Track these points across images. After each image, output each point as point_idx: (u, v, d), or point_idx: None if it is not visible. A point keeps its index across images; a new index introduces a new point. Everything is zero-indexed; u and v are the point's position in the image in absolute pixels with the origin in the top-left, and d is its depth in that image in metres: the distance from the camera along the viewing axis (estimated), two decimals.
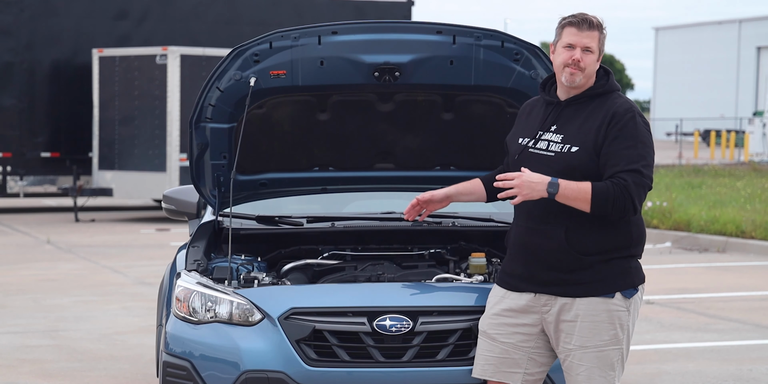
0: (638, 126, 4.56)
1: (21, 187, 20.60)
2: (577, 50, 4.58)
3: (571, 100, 4.66)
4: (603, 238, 4.58)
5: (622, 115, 4.56)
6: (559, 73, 4.64)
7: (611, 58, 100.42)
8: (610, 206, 4.47)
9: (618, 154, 4.51)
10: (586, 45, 4.58)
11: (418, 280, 5.57)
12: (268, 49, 5.51)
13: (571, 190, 4.48)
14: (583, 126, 4.59)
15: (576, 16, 4.62)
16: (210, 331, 5.08)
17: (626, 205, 4.48)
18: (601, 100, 4.64)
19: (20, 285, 11.76)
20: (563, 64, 4.60)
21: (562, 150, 4.58)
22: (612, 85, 4.66)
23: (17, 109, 20.41)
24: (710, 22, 75.18)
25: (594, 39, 4.58)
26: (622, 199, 4.46)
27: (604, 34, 4.63)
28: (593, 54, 4.59)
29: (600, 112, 4.59)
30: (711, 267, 13.55)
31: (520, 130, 4.79)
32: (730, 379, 7.63)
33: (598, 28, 4.60)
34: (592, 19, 4.61)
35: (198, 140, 5.72)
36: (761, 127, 37.38)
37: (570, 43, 4.59)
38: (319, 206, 6.75)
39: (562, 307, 4.62)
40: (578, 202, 4.49)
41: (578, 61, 4.57)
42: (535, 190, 4.48)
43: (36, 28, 20.48)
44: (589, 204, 4.48)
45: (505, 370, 4.72)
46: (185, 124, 18.48)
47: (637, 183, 4.48)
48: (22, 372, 7.73)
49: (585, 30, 4.58)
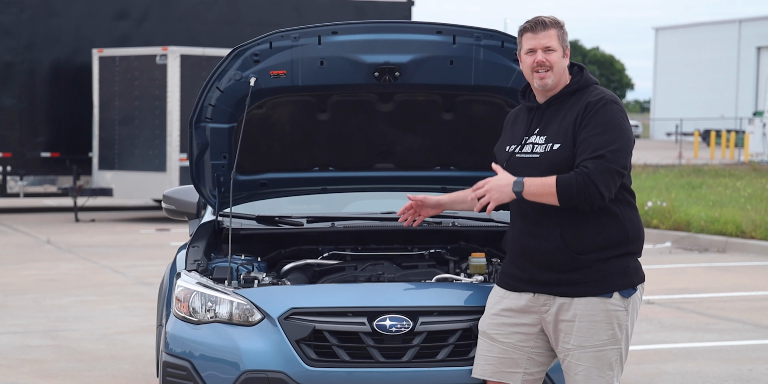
0: (608, 112, 4.55)
1: (21, 187, 20.61)
2: (538, 53, 4.62)
3: (551, 101, 4.69)
4: (598, 236, 4.58)
5: (594, 104, 4.57)
6: (530, 80, 4.69)
7: (611, 58, 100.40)
8: (575, 196, 4.46)
9: (585, 141, 4.51)
10: (545, 45, 4.62)
11: (418, 280, 5.57)
12: (268, 49, 5.51)
13: (536, 186, 4.49)
14: (562, 123, 4.62)
15: (529, 21, 4.69)
16: (210, 331, 5.08)
17: (591, 193, 4.46)
18: (579, 95, 4.66)
19: (20, 285, 11.76)
20: (531, 70, 4.65)
21: (546, 150, 4.60)
22: (587, 79, 4.69)
23: (17, 109, 20.41)
24: (710, 22, 75.23)
25: (552, 37, 4.62)
26: (585, 188, 4.45)
27: (564, 31, 4.67)
28: (556, 52, 4.62)
29: (576, 106, 4.62)
30: (711, 267, 13.55)
31: (507, 138, 4.81)
32: (730, 379, 7.63)
33: (554, 25, 4.65)
34: (545, 19, 4.66)
35: (198, 140, 5.72)
36: (761, 127, 37.39)
37: (530, 48, 4.64)
38: (319, 206, 6.75)
39: (561, 307, 4.63)
40: (546, 197, 4.50)
41: (543, 61, 4.61)
42: (503, 193, 4.52)
43: (36, 28, 20.49)
44: (556, 197, 4.48)
45: (504, 370, 4.72)
46: (185, 124, 18.50)
47: (600, 169, 4.45)
48: (22, 372, 7.73)
49: (540, 31, 4.63)
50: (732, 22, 72.42)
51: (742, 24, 71.44)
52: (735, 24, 71.93)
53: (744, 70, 70.26)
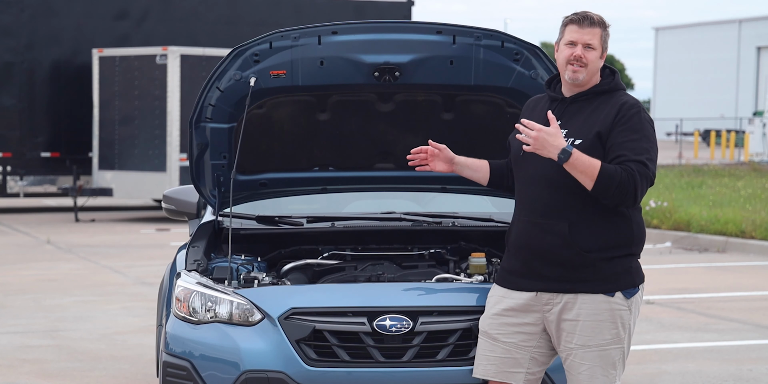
0: (643, 121, 4.59)
1: (21, 187, 20.60)
2: (578, 47, 4.60)
3: (577, 97, 4.68)
4: (605, 235, 4.59)
5: (629, 109, 4.59)
6: (562, 70, 4.66)
7: (611, 57, 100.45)
8: (614, 188, 4.46)
9: (624, 145, 4.53)
10: (587, 42, 4.60)
11: (418, 280, 5.57)
12: (268, 49, 5.51)
13: (581, 162, 4.47)
14: (587, 120, 4.61)
15: (578, 13, 4.65)
16: (210, 331, 5.08)
17: (629, 192, 4.48)
18: (606, 97, 4.66)
19: (20, 285, 11.76)
20: (566, 62, 4.62)
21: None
22: (618, 84, 4.70)
23: (17, 109, 20.41)
24: (710, 22, 75.20)
25: (595, 36, 4.61)
26: (627, 184, 4.47)
27: (607, 32, 4.66)
28: (595, 51, 4.61)
29: (606, 106, 4.62)
30: (711, 267, 13.55)
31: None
32: (730, 379, 7.63)
33: (600, 25, 4.63)
34: (594, 16, 4.63)
35: (198, 140, 5.72)
36: (761, 127, 37.36)
37: (571, 41, 4.61)
38: (319, 206, 6.74)
39: (564, 306, 4.63)
40: (583, 176, 4.48)
41: (580, 57, 4.59)
42: (546, 149, 4.49)
43: (36, 28, 20.48)
44: (593, 181, 4.47)
45: (507, 370, 4.72)
46: (185, 124, 18.48)
47: (642, 173, 4.49)
48: (22, 372, 7.73)
49: (586, 27, 4.61)
50: (732, 22, 72.38)
51: (742, 24, 71.41)
52: (735, 24, 71.90)
53: (744, 70, 70.23)
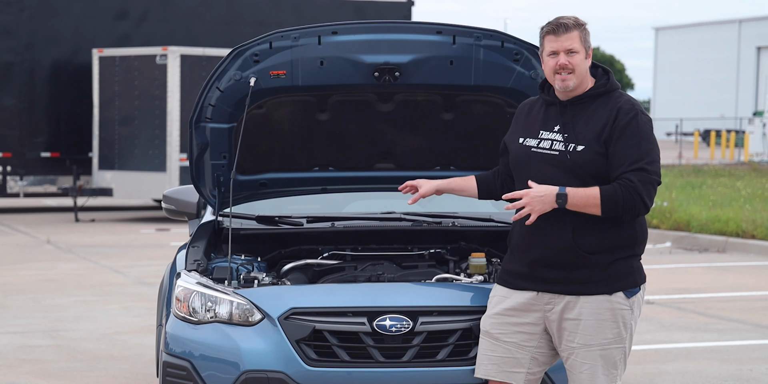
0: (641, 123, 4.60)
1: (21, 187, 20.59)
2: (560, 55, 4.62)
3: (574, 101, 4.68)
4: (609, 237, 4.60)
5: (626, 114, 4.59)
6: (552, 81, 4.69)
7: (611, 58, 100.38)
8: (620, 208, 4.52)
9: (622, 153, 4.54)
10: (567, 48, 4.62)
11: (418, 280, 5.57)
12: (268, 49, 5.51)
13: (579, 198, 4.53)
14: (587, 125, 4.62)
15: (551, 23, 4.68)
16: (210, 331, 5.08)
17: (636, 205, 4.52)
18: (604, 99, 4.67)
19: (20, 285, 11.76)
20: (552, 72, 4.66)
21: (567, 149, 4.60)
22: (613, 84, 4.70)
23: (17, 109, 20.41)
24: (710, 22, 75.22)
25: (574, 39, 4.62)
26: (631, 199, 4.51)
27: (586, 31, 4.67)
28: (579, 53, 4.63)
29: (604, 110, 4.62)
30: (711, 267, 13.55)
31: (520, 129, 4.80)
32: (730, 379, 7.63)
33: (576, 27, 4.64)
34: (567, 21, 4.65)
35: (198, 140, 5.72)
36: (761, 127, 37.38)
37: (552, 51, 4.64)
38: (319, 206, 6.74)
39: (566, 306, 4.63)
40: (589, 208, 4.55)
41: (565, 64, 4.61)
42: (545, 204, 4.54)
43: (36, 28, 20.48)
44: (599, 209, 4.53)
45: (508, 369, 4.72)
46: (185, 124, 18.48)
47: (643, 181, 4.52)
48: (22, 372, 7.73)
49: (562, 34, 4.63)
50: (732, 22, 72.40)
51: (742, 24, 71.42)
52: (735, 24, 71.92)
53: (744, 70, 70.25)
